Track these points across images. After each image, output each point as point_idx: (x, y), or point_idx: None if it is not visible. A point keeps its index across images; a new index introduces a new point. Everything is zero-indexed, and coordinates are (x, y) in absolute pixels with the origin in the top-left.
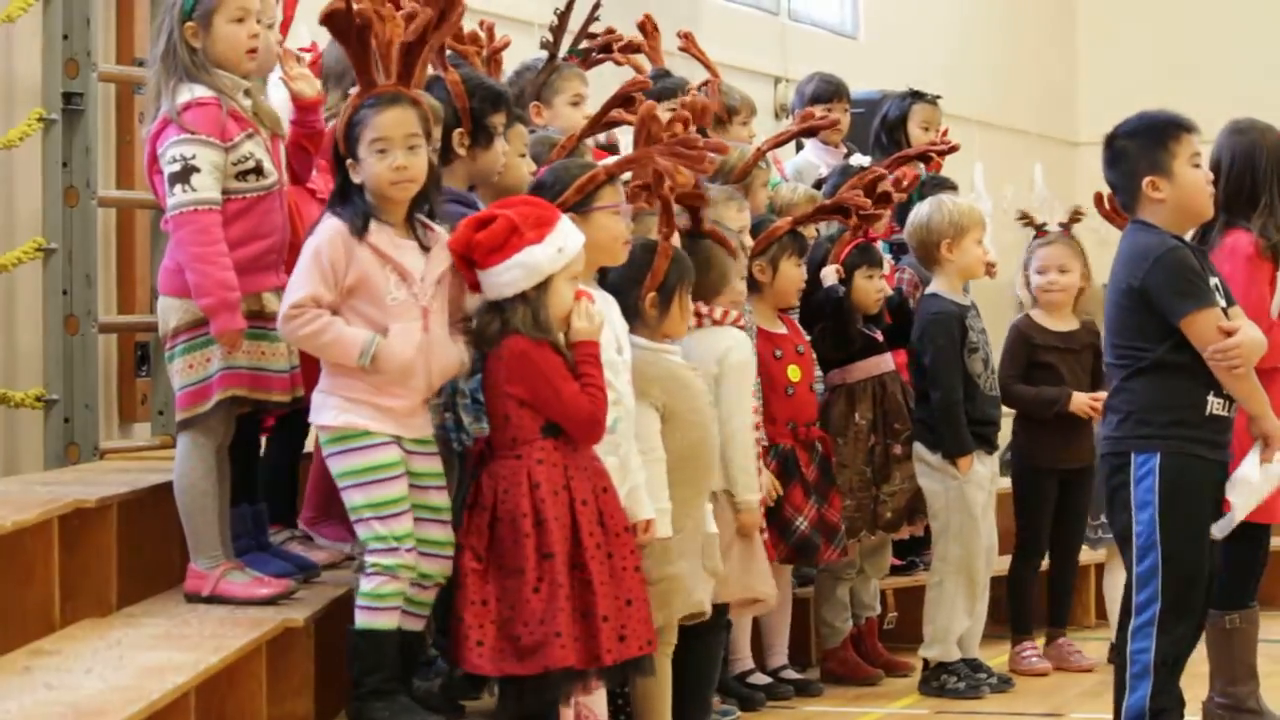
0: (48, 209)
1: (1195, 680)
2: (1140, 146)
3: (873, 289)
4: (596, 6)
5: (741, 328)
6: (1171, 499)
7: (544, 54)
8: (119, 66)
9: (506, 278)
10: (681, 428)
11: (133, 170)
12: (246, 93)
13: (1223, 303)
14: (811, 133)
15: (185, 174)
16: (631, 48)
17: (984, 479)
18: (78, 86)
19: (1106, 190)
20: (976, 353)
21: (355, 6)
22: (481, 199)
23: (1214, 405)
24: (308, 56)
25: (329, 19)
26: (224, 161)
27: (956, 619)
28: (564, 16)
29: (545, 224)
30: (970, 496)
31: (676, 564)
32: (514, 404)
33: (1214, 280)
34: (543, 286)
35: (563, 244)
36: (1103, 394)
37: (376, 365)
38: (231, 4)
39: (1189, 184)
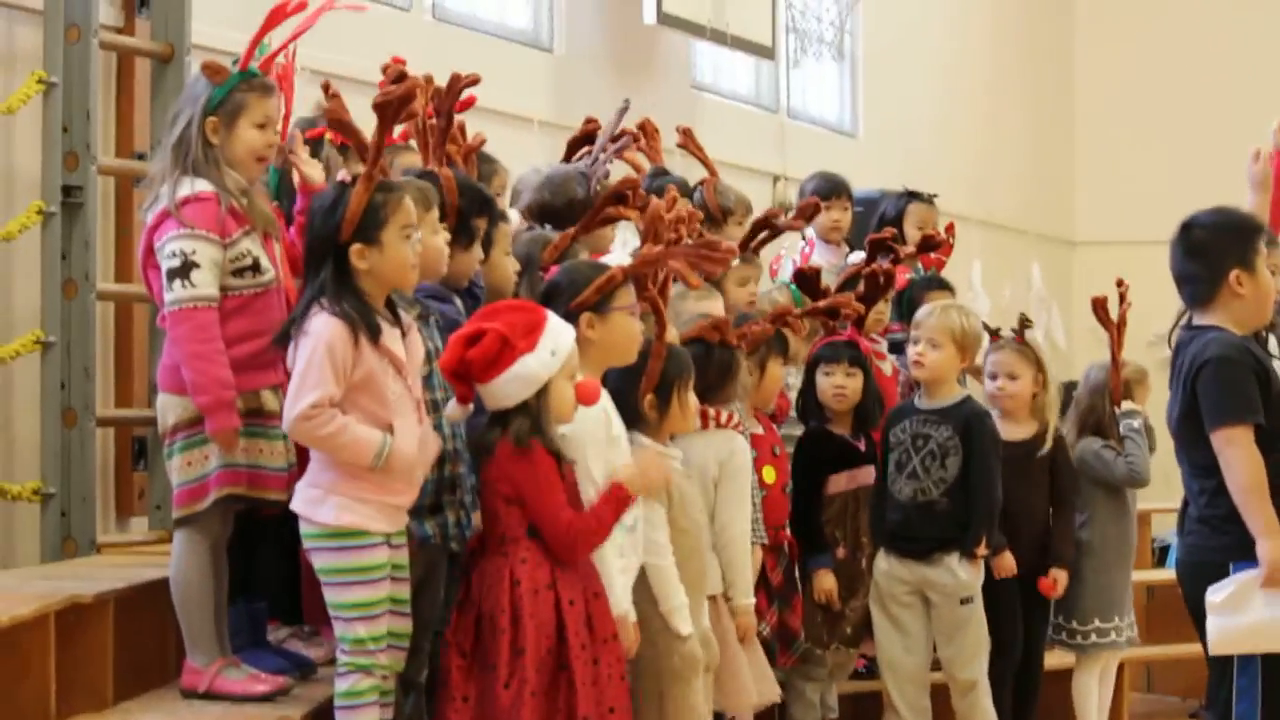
0: (46, 302)
1: None
2: (1229, 240)
3: (829, 386)
4: (622, 113)
5: (740, 431)
6: None
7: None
8: (119, 160)
9: (508, 390)
10: (676, 536)
11: (131, 264)
12: (243, 192)
13: None
14: (769, 227)
15: (185, 269)
16: (625, 145)
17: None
18: (77, 179)
19: (1097, 292)
20: (891, 453)
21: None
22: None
23: None
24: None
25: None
26: (222, 258)
27: None
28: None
29: (534, 329)
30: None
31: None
32: (502, 501)
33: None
34: (542, 391)
35: (554, 346)
36: (1006, 562)
37: (388, 465)
38: (258, 109)
39: (1267, 285)
